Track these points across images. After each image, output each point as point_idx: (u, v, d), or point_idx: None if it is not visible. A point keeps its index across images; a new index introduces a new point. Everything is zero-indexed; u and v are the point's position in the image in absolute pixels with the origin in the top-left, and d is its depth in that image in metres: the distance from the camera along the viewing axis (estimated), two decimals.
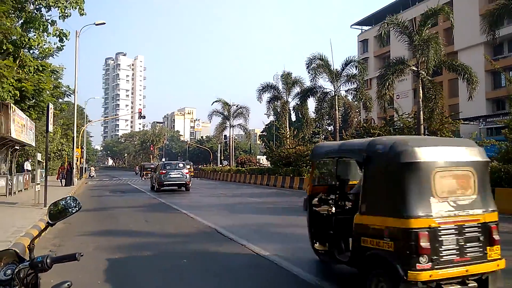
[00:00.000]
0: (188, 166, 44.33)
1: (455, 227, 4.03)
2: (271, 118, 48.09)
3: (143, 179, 41.94)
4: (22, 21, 20.93)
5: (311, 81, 28.34)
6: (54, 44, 24.25)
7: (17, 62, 21.17)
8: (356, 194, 4.99)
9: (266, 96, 36.36)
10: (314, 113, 38.23)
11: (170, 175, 22.70)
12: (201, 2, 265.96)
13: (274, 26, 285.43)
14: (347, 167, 6.38)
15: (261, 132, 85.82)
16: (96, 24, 29.57)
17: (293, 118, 60.40)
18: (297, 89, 34.72)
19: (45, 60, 25.23)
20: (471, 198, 4.26)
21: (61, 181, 28.01)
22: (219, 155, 64.74)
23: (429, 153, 4.20)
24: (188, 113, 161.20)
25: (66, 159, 44.33)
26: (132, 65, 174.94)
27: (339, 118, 27.67)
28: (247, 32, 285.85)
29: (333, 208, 5.57)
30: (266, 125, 71.31)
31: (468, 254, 4.04)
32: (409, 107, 34.28)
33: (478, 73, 19.90)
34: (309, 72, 27.66)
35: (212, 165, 61.14)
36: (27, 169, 26.87)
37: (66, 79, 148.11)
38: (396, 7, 44.81)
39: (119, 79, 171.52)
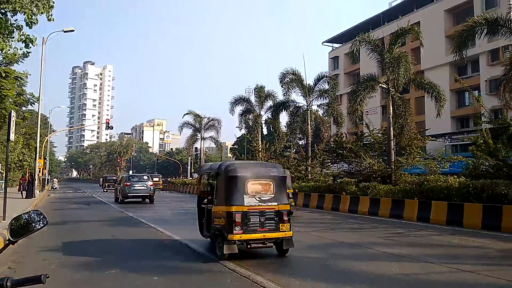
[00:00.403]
0: (157, 179, 43.83)
1: (258, 211, 7.23)
2: (243, 131, 47.93)
3: (105, 190, 42.23)
4: None
5: (284, 95, 28.50)
6: (20, 49, 23.32)
7: None
8: None
9: (239, 109, 36.27)
10: (286, 127, 38.44)
11: (135, 187, 23.31)
12: (173, 12, 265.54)
13: (247, 39, 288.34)
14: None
15: (232, 145, 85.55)
16: (65, 31, 28.68)
17: (265, 131, 60.61)
18: (269, 103, 34.82)
19: (9, 67, 24.19)
20: (270, 196, 7.42)
21: (21, 193, 26.61)
22: (189, 167, 63.88)
23: (244, 171, 7.49)
24: (158, 125, 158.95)
25: (27, 170, 42.42)
26: (101, 74, 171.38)
27: (311, 132, 27.85)
28: (220, 45, 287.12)
29: (208, 205, 8.32)
30: (237, 138, 71.15)
31: (266, 227, 7.26)
32: (378, 123, 35.06)
33: (443, 92, 20.56)
34: (282, 86, 27.82)
35: (182, 178, 60.14)
36: None
37: (31, 87, 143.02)
38: (366, 25, 46.19)
39: (86, 88, 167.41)
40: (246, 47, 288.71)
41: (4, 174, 13.56)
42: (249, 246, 7.34)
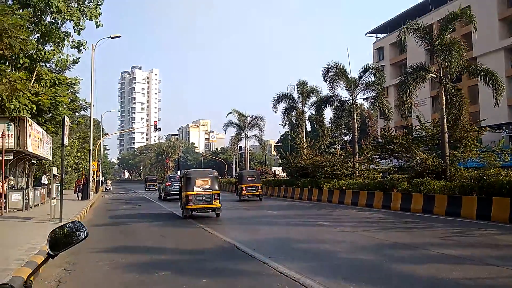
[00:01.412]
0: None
1: (202, 194, 14.37)
2: (287, 128, 47.54)
3: (146, 189, 49.74)
4: (38, 35, 21.11)
5: (329, 90, 27.79)
6: (72, 56, 24.48)
7: (34, 76, 21.30)
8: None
9: (282, 106, 35.92)
10: (330, 123, 37.65)
11: (175, 186, 26.17)
12: (215, 14, 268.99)
13: (288, 35, 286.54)
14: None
15: (276, 143, 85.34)
16: (112, 38, 29.76)
17: (309, 128, 59.83)
18: (313, 99, 34.18)
19: (62, 74, 25.45)
20: (208, 186, 14.51)
21: (77, 195, 27.96)
22: (234, 166, 64.40)
23: (194, 174, 15.18)
24: (203, 125, 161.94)
25: (83, 172, 44.59)
26: (147, 78, 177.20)
27: (357, 127, 26.97)
28: (262, 42, 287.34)
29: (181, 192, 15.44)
30: (281, 135, 70.86)
31: (206, 202, 14.40)
32: (427, 114, 33.45)
33: (500, 79, 19.11)
34: (326, 81, 27.12)
35: (228, 177, 60.76)
36: (44, 183, 26.92)
37: (83, 93, 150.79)
38: (412, 13, 44.13)
39: (134, 92, 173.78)
40: (288, 43, 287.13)
41: (60, 177, 14.20)
42: (197, 212, 14.81)
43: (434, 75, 19.73)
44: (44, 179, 28.37)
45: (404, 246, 8.76)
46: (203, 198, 14.29)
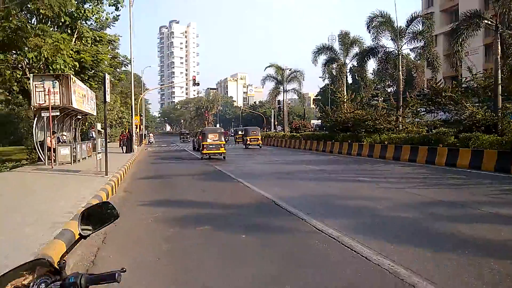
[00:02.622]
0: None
1: (213, 144, 21.76)
2: (326, 81, 46.34)
3: (181, 141, 59.32)
4: None
5: (372, 40, 26.36)
6: (111, 13, 24.60)
7: (75, 34, 21.64)
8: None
9: (322, 58, 34.79)
10: (372, 74, 36.18)
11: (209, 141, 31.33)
12: None
13: None
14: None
15: (315, 96, 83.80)
16: None
17: (350, 80, 57.97)
18: (355, 50, 32.78)
19: (102, 31, 25.72)
20: (219, 139, 22.02)
21: (122, 148, 29.11)
22: (272, 120, 64.29)
23: (207, 131, 23.19)
24: (241, 79, 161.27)
25: (126, 126, 46.16)
26: (185, 32, 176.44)
27: (402, 79, 25.67)
28: None
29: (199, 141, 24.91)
30: (321, 88, 69.36)
31: (215, 149, 21.75)
32: (479, 65, 31.24)
33: None
34: (370, 32, 25.69)
35: (266, 131, 60.91)
36: (92, 137, 28.19)
37: (123, 49, 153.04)
38: None
39: (173, 47, 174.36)
40: None
41: (104, 132, 14.71)
42: (210, 156, 22.00)
43: (489, 22, 18.11)
44: (91, 133, 29.70)
45: (449, 204, 8.44)
46: (213, 146, 21.74)
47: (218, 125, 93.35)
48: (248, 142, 34.40)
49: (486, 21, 18.36)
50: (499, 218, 7.09)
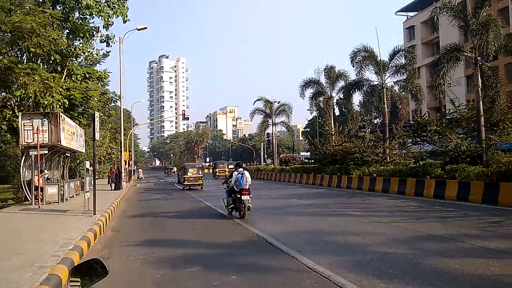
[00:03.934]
0: (231, 166, 47.62)
1: (192, 177, 27.64)
2: (314, 113, 47.05)
3: (166, 175, 65.97)
4: (67, 31, 21.55)
5: (356, 75, 27.08)
6: (101, 49, 24.95)
7: (65, 72, 21.82)
8: None
9: (309, 91, 35.49)
10: (358, 106, 36.87)
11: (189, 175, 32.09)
12: (236, 1, 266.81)
13: (312, 20, 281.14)
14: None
15: (304, 128, 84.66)
16: (138, 29, 30.06)
17: (337, 112, 58.89)
18: (341, 83, 33.56)
19: (92, 67, 25.99)
20: (197, 173, 27.96)
21: (110, 185, 28.77)
22: (262, 153, 64.48)
23: (187, 166, 29.56)
24: (230, 112, 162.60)
25: (115, 162, 45.80)
26: (175, 66, 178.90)
27: (387, 111, 26.22)
28: (286, 27, 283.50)
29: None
30: (309, 120, 70.19)
31: (194, 181, 27.51)
32: (462, 95, 32.15)
33: None
34: (353, 66, 26.43)
35: (256, 164, 60.91)
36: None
37: (112, 85, 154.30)
38: None
39: (162, 81, 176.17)
40: (313, 27, 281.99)
41: (92, 170, 14.59)
42: (190, 187, 27.17)
43: (469, 55, 18.83)
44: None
45: (439, 238, 8.47)
46: (193, 179, 27.36)
47: (208, 159, 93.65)
48: (217, 174, 45.43)
49: (465, 54, 19.08)
50: (489, 252, 7.13)
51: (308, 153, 56.69)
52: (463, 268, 6.23)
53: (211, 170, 57.84)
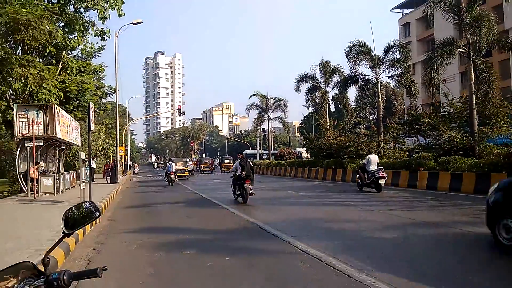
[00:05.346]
0: (228, 161, 49.05)
1: (179, 169, 31.04)
2: (310, 109, 47.18)
3: (153, 168, 75.04)
4: (62, 24, 21.49)
5: (350, 69, 27.23)
6: (96, 43, 24.88)
7: (60, 64, 21.80)
8: None
9: (305, 87, 35.58)
10: (354, 102, 37.07)
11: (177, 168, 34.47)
12: None
13: (310, 17, 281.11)
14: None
15: (299, 124, 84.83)
16: (134, 24, 30.00)
17: (333, 108, 59.06)
18: (336, 78, 33.67)
19: (87, 61, 25.94)
20: (184, 166, 34.47)
21: (106, 179, 28.80)
22: (258, 148, 64.60)
23: (176, 160, 33.46)
24: (226, 108, 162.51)
25: (111, 157, 45.74)
26: (171, 63, 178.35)
27: (382, 106, 26.40)
28: (283, 23, 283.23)
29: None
30: (304, 116, 70.33)
31: (181, 173, 31.42)
32: (457, 91, 32.34)
33: None
34: (348, 60, 26.57)
35: (251, 159, 60.95)
36: (93, 167, 27.59)
37: (108, 80, 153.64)
38: None
39: (158, 77, 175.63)
40: (312, 22, 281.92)
41: (88, 162, 14.64)
42: (177, 178, 27.02)
43: (463, 50, 19.02)
44: (92, 163, 28.78)
45: (431, 225, 8.63)
46: (180, 171, 30.49)
47: (204, 155, 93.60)
48: (223, 167, 48.78)
49: (459, 49, 19.26)
50: (480, 237, 7.28)
51: (304, 149, 57.01)
52: (455, 252, 6.40)
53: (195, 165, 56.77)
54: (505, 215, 6.05)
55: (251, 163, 14.57)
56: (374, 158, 16.51)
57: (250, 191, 13.48)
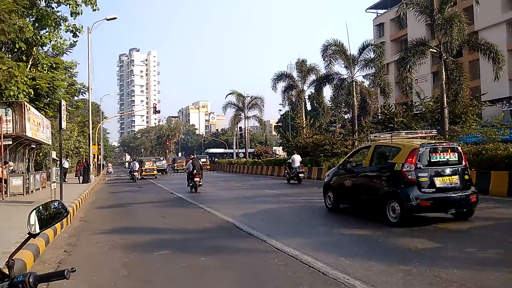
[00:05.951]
0: (204, 160, 46.86)
1: (148, 168, 33.30)
2: (287, 108, 47.47)
3: (127, 168, 64.77)
4: (33, 18, 20.79)
5: (325, 68, 27.55)
6: (68, 39, 24.17)
7: (30, 61, 21.11)
8: None
9: (281, 85, 35.76)
10: (330, 101, 37.53)
11: (133, 167, 34.16)
12: None
13: (286, 13, 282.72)
14: None
15: (276, 123, 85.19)
16: (107, 19, 29.34)
17: (309, 107, 59.61)
18: (312, 77, 33.96)
19: (59, 57, 25.20)
20: (153, 165, 34.19)
21: (78, 178, 28.10)
22: (234, 147, 64.49)
23: (145, 159, 36.62)
24: (203, 107, 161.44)
25: (84, 156, 44.69)
26: (146, 60, 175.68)
27: (356, 105, 26.82)
28: (260, 20, 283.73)
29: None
30: (281, 115, 70.66)
31: (150, 172, 33.11)
32: (429, 91, 33.22)
33: (501, 52, 18.84)
34: (324, 59, 26.87)
35: (228, 158, 60.85)
36: (64, 167, 26.85)
37: (81, 77, 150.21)
38: None
39: (133, 75, 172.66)
40: (287, 20, 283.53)
41: (59, 161, 14.25)
42: (146, 176, 31.51)
43: (434, 50, 19.52)
44: (65, 163, 28.00)
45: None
46: (149, 170, 32.35)
47: (180, 154, 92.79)
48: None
49: (431, 49, 19.76)
50: (453, 234, 7.48)
51: (281, 147, 57.26)
52: (428, 245, 6.54)
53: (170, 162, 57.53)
54: (328, 190, 10.46)
55: (200, 162, 19.19)
56: (297, 157, 21.23)
57: (200, 183, 17.94)
